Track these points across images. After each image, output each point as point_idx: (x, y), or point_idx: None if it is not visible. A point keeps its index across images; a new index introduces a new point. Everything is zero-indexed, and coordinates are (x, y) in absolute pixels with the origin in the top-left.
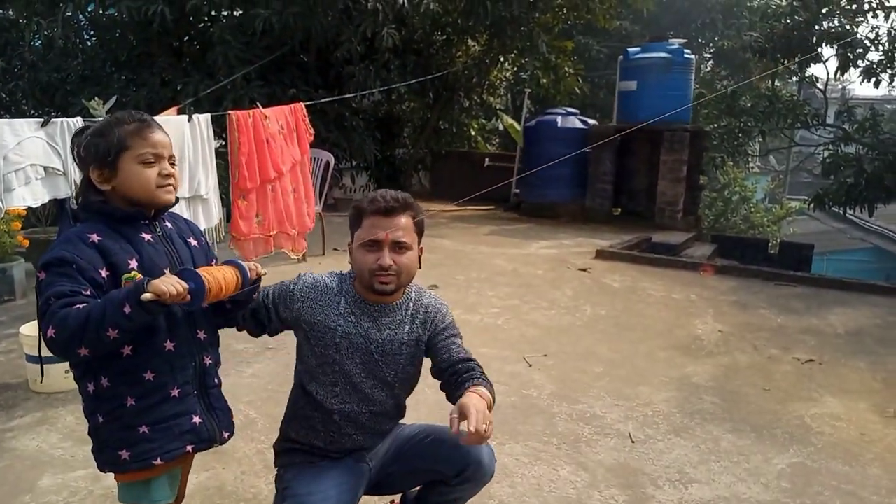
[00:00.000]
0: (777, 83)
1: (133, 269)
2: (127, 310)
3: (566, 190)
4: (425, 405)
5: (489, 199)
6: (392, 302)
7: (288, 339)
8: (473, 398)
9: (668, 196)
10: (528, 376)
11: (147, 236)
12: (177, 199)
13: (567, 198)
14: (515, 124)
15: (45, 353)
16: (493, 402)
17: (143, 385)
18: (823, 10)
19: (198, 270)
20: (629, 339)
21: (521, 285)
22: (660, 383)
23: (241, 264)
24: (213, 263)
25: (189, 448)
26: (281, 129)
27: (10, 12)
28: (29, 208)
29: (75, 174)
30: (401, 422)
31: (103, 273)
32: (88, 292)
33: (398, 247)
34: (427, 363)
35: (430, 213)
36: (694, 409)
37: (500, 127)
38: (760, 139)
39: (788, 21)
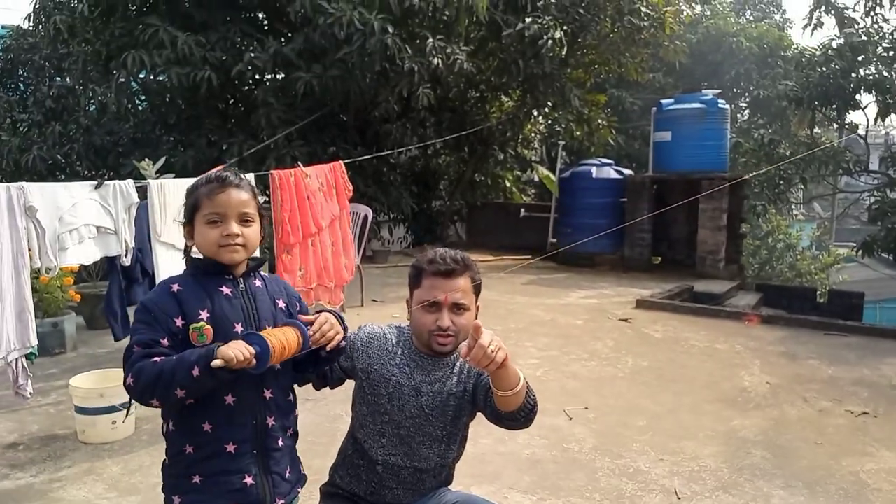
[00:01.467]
0: (817, 130)
1: (202, 320)
2: (195, 373)
3: (603, 239)
4: (463, 459)
5: (526, 248)
6: (446, 356)
7: (327, 391)
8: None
9: (709, 244)
10: (568, 430)
11: (226, 290)
12: (261, 261)
13: (604, 248)
14: (550, 175)
15: (92, 404)
16: (529, 401)
17: (201, 435)
18: (860, 58)
19: (261, 333)
20: (673, 392)
21: (560, 336)
22: (706, 437)
23: (301, 325)
24: (297, 330)
25: None
26: (321, 187)
27: (68, 80)
28: (81, 265)
29: (125, 233)
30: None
31: (178, 322)
32: (165, 340)
33: (457, 308)
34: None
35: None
36: (742, 463)
37: (536, 178)
38: (802, 186)
39: (824, 69)
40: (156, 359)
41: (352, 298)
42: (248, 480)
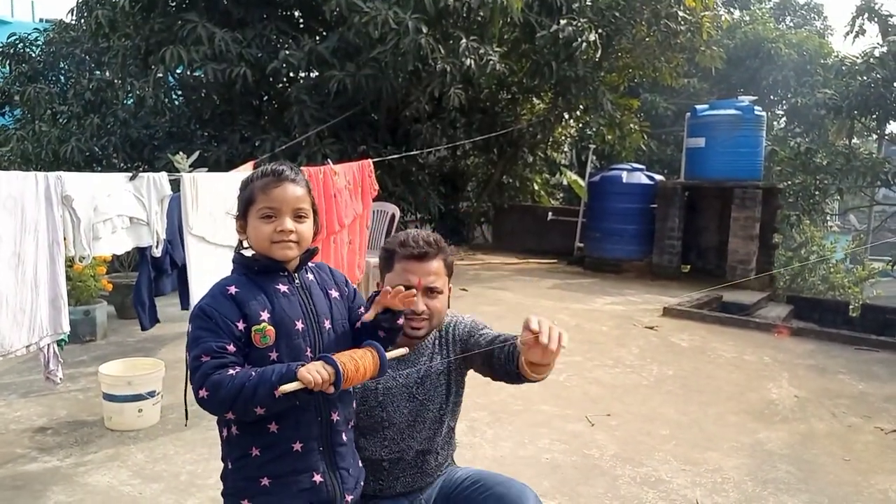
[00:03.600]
0: (855, 140)
1: (264, 320)
2: (277, 394)
3: (631, 246)
4: (482, 461)
5: (552, 252)
6: (421, 342)
7: None
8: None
9: (739, 254)
10: (590, 436)
11: (283, 287)
12: (312, 251)
13: (632, 254)
14: (579, 180)
15: (120, 392)
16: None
17: (267, 437)
18: None
19: (335, 357)
20: (698, 402)
21: (584, 341)
22: (730, 449)
23: (378, 347)
24: (361, 309)
25: None
26: (348, 185)
27: (107, 73)
28: (113, 255)
29: (157, 225)
30: (457, 461)
31: (240, 325)
32: (231, 347)
33: (430, 292)
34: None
35: (493, 264)
36: (767, 477)
37: (564, 182)
38: (838, 198)
39: (865, 78)
40: (231, 371)
41: None
42: (318, 478)
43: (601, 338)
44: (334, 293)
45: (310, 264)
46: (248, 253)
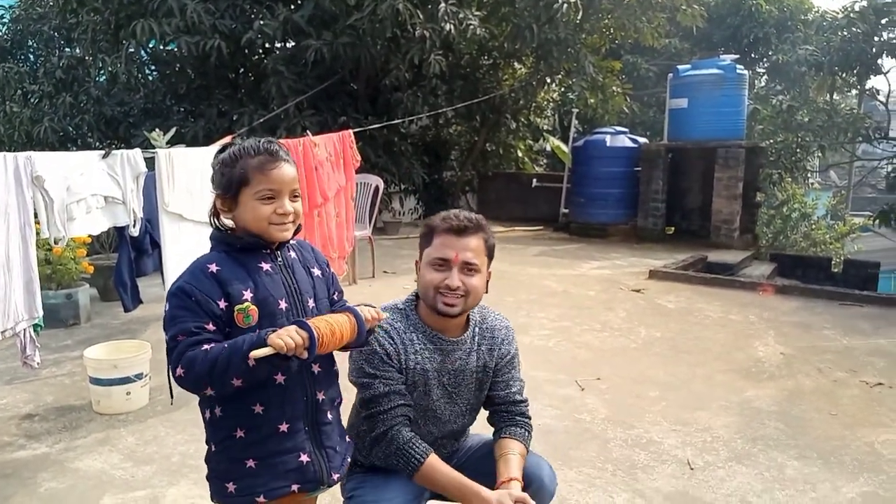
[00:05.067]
0: (836, 97)
1: (247, 300)
2: (251, 362)
3: (616, 210)
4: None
5: (538, 219)
6: (458, 331)
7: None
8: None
9: (723, 214)
10: (580, 400)
11: (266, 266)
12: (298, 229)
13: (617, 218)
14: (562, 146)
15: (106, 375)
16: (528, 451)
17: (252, 417)
18: (883, 21)
19: (309, 321)
20: (686, 362)
21: (572, 307)
22: (719, 408)
23: (356, 311)
24: (337, 296)
25: (294, 488)
26: (329, 156)
27: (77, 50)
28: (93, 236)
29: (134, 203)
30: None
31: (221, 304)
32: (210, 326)
33: (467, 268)
34: None
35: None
36: (756, 434)
37: (548, 148)
38: (820, 154)
39: (845, 33)
40: (205, 347)
41: (363, 270)
42: (304, 458)
43: (588, 302)
44: (316, 271)
45: (291, 242)
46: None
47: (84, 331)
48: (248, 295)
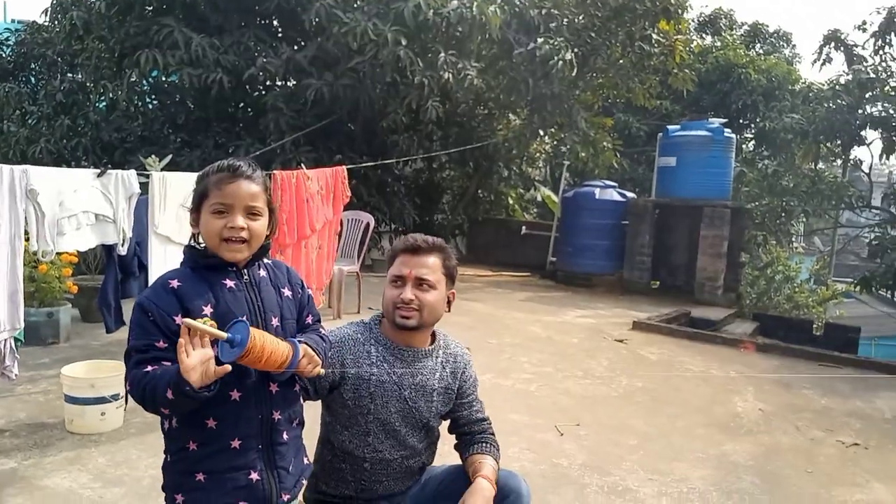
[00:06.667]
0: (821, 165)
1: (206, 315)
2: (170, 395)
3: (603, 261)
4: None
5: (525, 265)
6: (421, 346)
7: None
8: (478, 495)
9: (708, 271)
10: (559, 445)
11: (230, 283)
12: (265, 247)
13: (604, 268)
14: (553, 196)
15: (82, 394)
16: (498, 465)
17: (204, 431)
18: (867, 95)
19: (252, 330)
20: (666, 414)
21: (555, 353)
22: (696, 460)
23: (297, 346)
24: (311, 319)
25: None
26: (320, 190)
27: (80, 76)
28: (80, 256)
29: (124, 223)
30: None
31: (178, 319)
32: (161, 342)
33: (421, 283)
34: None
35: (466, 276)
36: (732, 488)
37: (538, 198)
38: (804, 219)
39: (831, 105)
40: (147, 368)
41: (349, 304)
42: (254, 476)
43: (571, 349)
44: (287, 291)
45: (265, 261)
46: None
47: (63, 350)
48: (207, 310)
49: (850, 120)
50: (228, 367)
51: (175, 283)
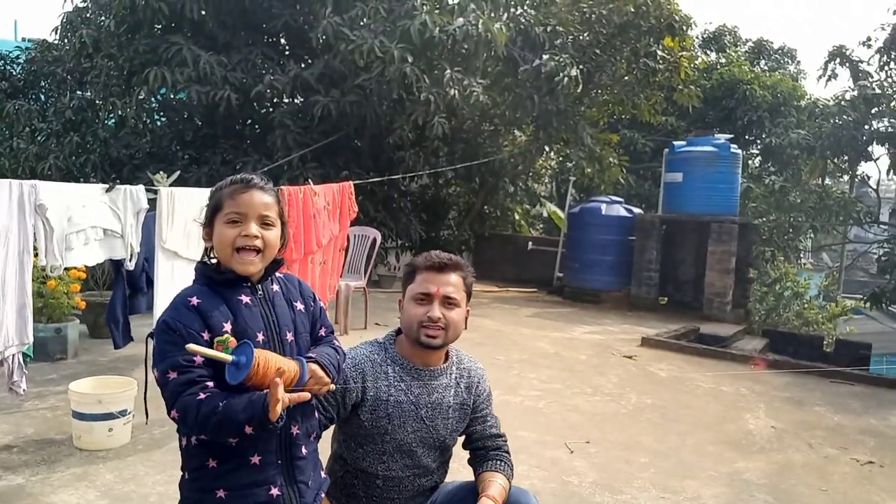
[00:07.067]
0: (828, 180)
1: (226, 331)
2: (248, 430)
3: (610, 276)
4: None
5: (532, 281)
6: (437, 364)
7: None
8: None
9: (716, 287)
10: (568, 463)
11: (246, 298)
12: (278, 262)
13: (611, 284)
14: (559, 212)
15: (90, 410)
16: (510, 483)
17: (225, 448)
18: (873, 111)
19: (257, 352)
20: (676, 431)
21: (563, 369)
22: (708, 478)
23: (304, 365)
24: (324, 331)
25: None
26: (326, 206)
27: (89, 93)
28: (88, 272)
29: (132, 238)
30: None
31: (205, 336)
32: (198, 358)
33: (448, 302)
34: None
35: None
36: None
37: (544, 213)
38: (812, 235)
39: (837, 120)
40: (201, 396)
41: (356, 320)
42: (275, 491)
43: (580, 366)
44: (299, 305)
45: (277, 275)
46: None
47: (70, 366)
48: (227, 326)
49: (857, 136)
50: (307, 395)
51: (195, 301)
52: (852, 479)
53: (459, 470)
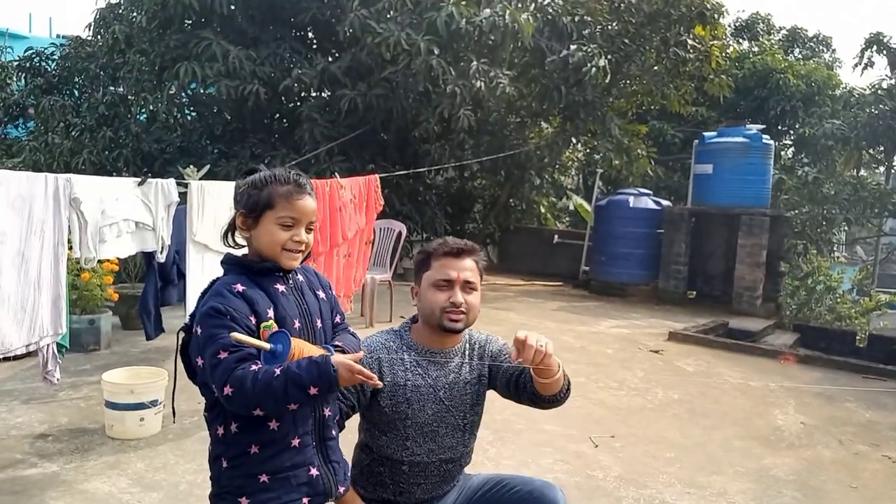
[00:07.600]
0: (863, 171)
1: (270, 318)
2: (313, 391)
3: (637, 270)
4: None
5: (558, 275)
6: (452, 346)
7: None
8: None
9: (746, 281)
10: (593, 457)
11: (281, 287)
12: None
13: (638, 278)
14: (585, 204)
15: (122, 399)
16: (566, 380)
17: (267, 433)
18: None
19: (293, 340)
20: (703, 426)
21: (589, 363)
22: (735, 473)
23: (331, 350)
24: (339, 319)
25: (305, 501)
26: (353, 199)
27: (121, 88)
28: (121, 265)
29: (163, 231)
30: (467, 471)
31: (252, 321)
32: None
33: (467, 286)
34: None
35: (497, 285)
36: (773, 503)
37: (571, 206)
38: (846, 228)
39: (873, 110)
40: (253, 367)
41: (381, 313)
42: (314, 472)
43: (606, 360)
44: (321, 294)
45: (298, 267)
46: (239, 253)
47: (103, 357)
48: (271, 313)
49: (894, 125)
50: (379, 383)
51: (240, 288)
52: (883, 476)
53: (484, 462)
